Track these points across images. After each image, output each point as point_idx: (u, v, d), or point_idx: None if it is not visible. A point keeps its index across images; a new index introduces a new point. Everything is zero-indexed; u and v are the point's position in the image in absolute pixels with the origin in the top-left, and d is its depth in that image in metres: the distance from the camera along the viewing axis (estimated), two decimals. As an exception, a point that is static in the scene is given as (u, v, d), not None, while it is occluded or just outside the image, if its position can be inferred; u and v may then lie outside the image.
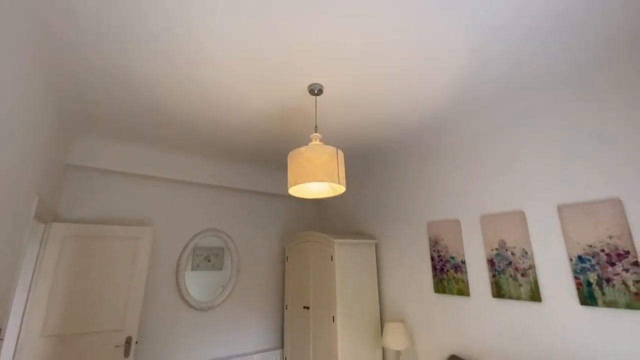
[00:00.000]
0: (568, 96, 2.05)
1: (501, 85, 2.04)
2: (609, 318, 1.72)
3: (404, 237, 3.00)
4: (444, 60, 1.78)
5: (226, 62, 1.75)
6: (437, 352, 2.54)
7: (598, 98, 1.92)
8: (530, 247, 2.08)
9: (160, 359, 2.84)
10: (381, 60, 1.75)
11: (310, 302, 3.09)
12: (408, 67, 1.82)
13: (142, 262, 2.73)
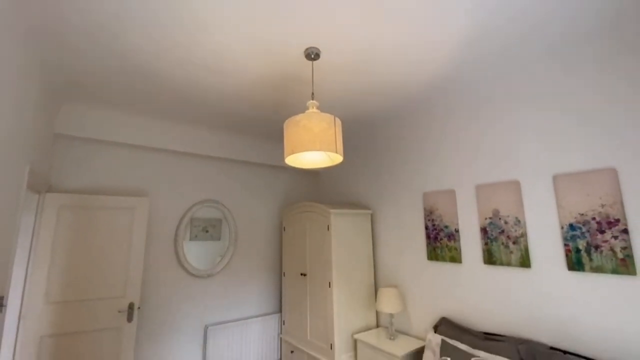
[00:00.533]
0: (567, 65, 1.99)
1: (500, 53, 1.97)
2: (595, 283, 1.80)
3: (399, 207, 3.04)
4: (444, 26, 1.70)
5: (219, 25, 1.65)
6: (428, 315, 2.67)
7: (597, 67, 1.88)
8: (524, 215, 2.12)
9: (162, 324, 2.95)
10: (380, 23, 1.66)
11: (307, 269, 3.18)
12: (407, 31, 1.73)
13: (139, 231, 2.75)
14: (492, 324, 2.23)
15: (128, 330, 2.59)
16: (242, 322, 3.33)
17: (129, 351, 2.57)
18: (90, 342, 2.47)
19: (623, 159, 1.75)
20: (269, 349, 3.46)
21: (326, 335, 2.84)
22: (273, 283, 3.73)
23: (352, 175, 3.69)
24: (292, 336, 3.31)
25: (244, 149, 3.59)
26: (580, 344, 1.82)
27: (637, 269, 1.66)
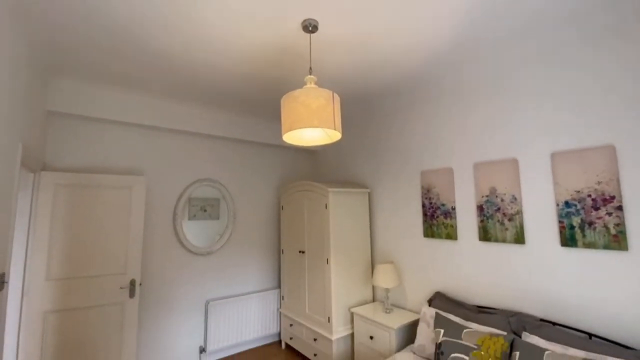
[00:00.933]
0: (566, 42, 1.96)
1: (500, 30, 1.90)
2: (586, 258, 1.84)
3: (396, 186, 3.05)
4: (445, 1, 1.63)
5: None
6: (423, 290, 2.74)
7: (596, 43, 1.84)
8: (520, 193, 2.14)
9: (164, 299, 3.02)
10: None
11: (305, 247, 3.23)
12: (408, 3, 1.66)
13: (137, 210, 2.75)
14: (485, 298, 2.31)
15: (130, 306, 2.66)
16: (242, 297, 3.41)
17: (133, 325, 2.64)
18: (94, 317, 2.53)
19: (622, 135, 1.74)
20: (269, 323, 3.57)
21: (324, 309, 2.93)
22: (272, 260, 3.80)
23: (350, 154, 3.67)
24: (291, 310, 3.41)
25: (241, 127, 3.53)
26: (569, 316, 1.89)
27: (629, 244, 1.70)
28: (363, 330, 2.73)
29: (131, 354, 2.62)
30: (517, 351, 1.67)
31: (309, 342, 3.07)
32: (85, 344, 2.48)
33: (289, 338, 3.42)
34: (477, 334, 1.86)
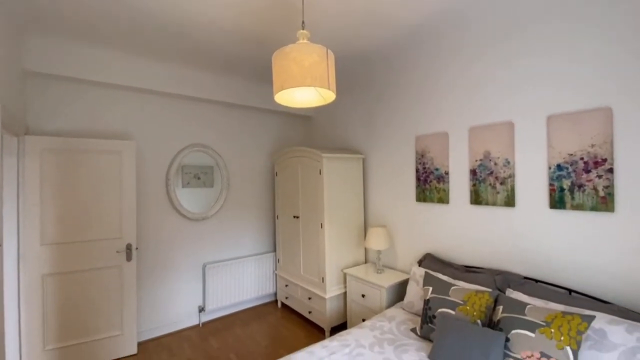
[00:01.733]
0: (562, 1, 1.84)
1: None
2: (574, 219, 1.89)
3: (391, 151, 3.03)
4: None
5: None
6: (414, 252, 2.83)
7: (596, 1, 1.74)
8: (513, 157, 2.14)
9: (162, 263, 3.08)
10: None
11: (300, 212, 3.26)
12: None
13: (129, 175, 2.71)
14: (474, 259, 2.39)
15: (128, 269, 2.71)
16: (238, 261, 3.50)
17: (132, 287, 2.72)
18: (93, 279, 2.58)
19: (620, 97, 1.71)
20: (265, 284, 3.71)
21: (318, 270, 3.03)
22: (267, 225, 3.85)
23: (344, 120, 3.60)
24: (286, 272, 3.53)
25: (232, 90, 3.40)
26: (552, 274, 1.98)
27: (616, 206, 1.74)
28: (355, 289, 2.85)
29: (132, 313, 2.71)
30: (500, 305, 1.76)
31: (304, 301, 3.22)
32: (86, 305, 2.56)
33: (284, 297, 3.57)
34: (463, 291, 1.95)
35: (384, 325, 2.13)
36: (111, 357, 2.64)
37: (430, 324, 1.92)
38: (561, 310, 1.60)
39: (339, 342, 1.92)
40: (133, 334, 2.72)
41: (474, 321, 1.77)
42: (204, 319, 3.33)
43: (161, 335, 3.07)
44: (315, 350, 1.83)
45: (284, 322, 3.31)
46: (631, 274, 1.70)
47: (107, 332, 2.63)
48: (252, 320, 3.35)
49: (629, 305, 1.70)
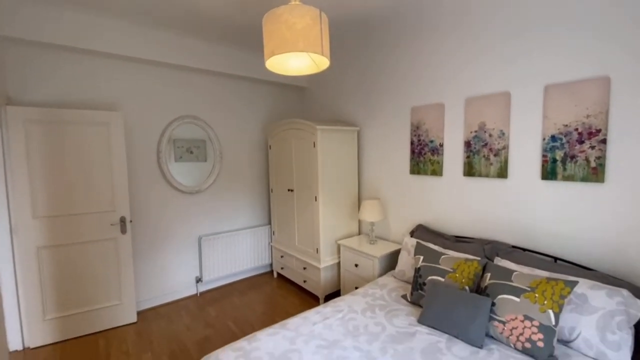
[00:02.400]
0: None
1: None
2: (564, 190, 1.92)
3: (386, 123, 2.99)
4: None
5: None
6: (406, 223, 2.88)
7: None
8: (508, 128, 2.12)
9: (157, 235, 3.10)
10: None
11: (294, 185, 3.26)
12: None
13: (118, 147, 2.65)
14: (465, 230, 2.45)
15: (124, 241, 2.72)
16: (234, 233, 3.54)
17: (128, 259, 2.74)
18: (89, 251, 2.60)
19: (619, 65, 1.68)
20: (261, 255, 3.78)
21: (313, 242, 3.08)
22: (262, 198, 3.86)
23: (339, 91, 3.51)
24: (281, 244, 3.59)
25: (223, 59, 3.26)
26: (540, 243, 2.04)
27: (606, 176, 1.76)
28: (349, 259, 2.92)
29: (130, 284, 2.76)
30: (488, 273, 1.82)
31: (299, 271, 3.30)
32: (84, 276, 2.59)
33: (280, 268, 3.65)
34: (453, 260, 2.00)
35: (376, 292, 2.21)
36: (111, 325, 2.71)
37: (421, 291, 1.99)
38: (546, 276, 1.66)
39: (332, 308, 1.99)
40: (132, 303, 2.79)
41: (462, 288, 1.84)
42: (201, 289, 3.41)
43: (160, 304, 3.15)
44: (309, 316, 1.90)
45: (279, 291, 3.41)
46: (615, 243, 1.75)
47: (106, 301, 2.68)
48: (249, 289, 3.45)
49: (612, 271, 1.77)
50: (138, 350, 2.41)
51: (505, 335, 1.58)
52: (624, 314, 1.49)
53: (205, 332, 2.65)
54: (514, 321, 1.56)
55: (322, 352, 1.55)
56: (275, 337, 1.68)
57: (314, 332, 1.72)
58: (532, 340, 1.50)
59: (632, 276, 1.71)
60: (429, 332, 1.70)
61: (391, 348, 1.58)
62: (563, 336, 1.58)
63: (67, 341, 2.54)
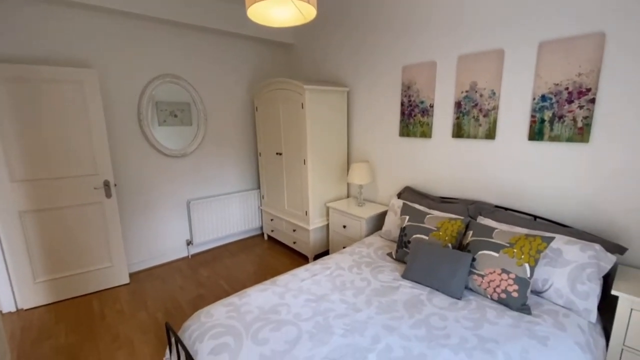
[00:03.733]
0: None
1: None
2: (549, 150, 1.94)
3: (376, 84, 2.89)
4: None
5: None
6: (394, 185, 2.91)
7: None
8: (500, 87, 2.08)
9: (144, 199, 3.06)
10: None
11: (282, 148, 3.21)
12: None
13: (95, 108, 2.51)
14: (451, 191, 2.49)
15: (110, 205, 2.68)
16: (223, 197, 3.53)
17: (115, 222, 2.72)
18: (74, 216, 2.56)
19: (614, 21, 1.63)
20: (251, 219, 3.81)
21: (302, 205, 3.11)
22: (250, 162, 3.81)
23: (327, 49, 3.34)
24: (271, 207, 3.62)
25: (201, 11, 3.01)
26: (522, 203, 2.10)
27: (591, 137, 1.77)
28: (337, 221, 2.98)
29: (119, 247, 2.77)
30: (470, 230, 1.89)
31: (289, 233, 3.36)
32: (72, 240, 2.58)
33: (270, 231, 3.71)
34: (437, 219, 2.05)
35: (363, 250, 2.28)
36: (104, 286, 2.76)
37: (405, 248, 2.06)
38: (525, 233, 1.73)
39: (320, 266, 2.05)
40: (123, 265, 2.82)
41: (445, 245, 1.90)
42: (192, 251, 3.46)
43: (152, 266, 3.20)
44: (299, 273, 1.96)
45: (270, 252, 3.49)
46: (593, 201, 1.82)
47: (97, 264, 2.70)
48: (240, 251, 3.52)
49: (588, 229, 1.85)
50: (133, 309, 2.48)
51: (483, 287, 1.68)
52: (594, 267, 1.58)
53: (198, 291, 2.73)
54: (492, 274, 1.65)
55: (310, 305, 1.62)
56: (265, 292, 1.74)
57: (302, 288, 1.79)
58: (507, 291, 1.59)
59: (608, 233, 1.79)
60: (412, 286, 1.78)
61: (376, 300, 1.66)
62: (536, 287, 1.68)
63: (61, 302, 2.58)
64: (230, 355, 1.28)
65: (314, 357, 1.27)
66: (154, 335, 2.17)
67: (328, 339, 1.37)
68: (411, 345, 1.32)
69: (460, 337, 1.37)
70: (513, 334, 1.39)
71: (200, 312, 1.60)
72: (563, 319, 1.50)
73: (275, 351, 1.30)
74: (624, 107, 1.66)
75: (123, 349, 2.05)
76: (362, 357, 1.26)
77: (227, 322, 1.48)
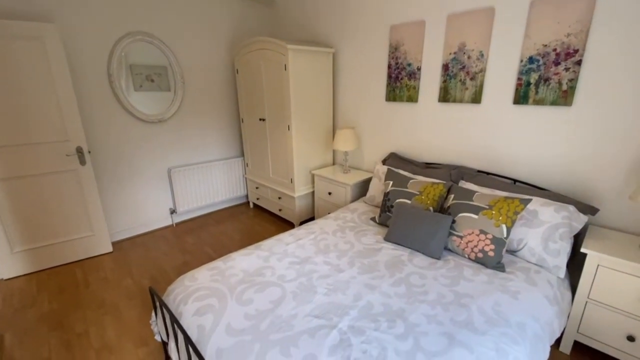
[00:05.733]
0: None
1: None
2: (532, 114, 1.94)
3: (363, 44, 2.77)
4: None
5: None
6: (380, 152, 2.90)
7: None
8: (488, 48, 2.03)
9: (122, 167, 2.95)
10: None
11: (266, 114, 3.10)
12: None
13: (60, 69, 2.31)
14: (435, 156, 2.50)
15: (85, 173, 2.57)
16: (205, 165, 3.44)
17: (93, 190, 2.63)
18: (48, 184, 2.45)
19: (611, -24, 1.56)
20: (236, 187, 3.76)
21: (287, 172, 3.07)
22: (232, 129, 3.68)
23: (313, 7, 3.13)
24: (256, 175, 3.57)
25: (172, -41, 2.73)
26: (503, 167, 2.14)
27: (575, 99, 1.77)
28: (322, 188, 2.98)
29: (99, 215, 2.70)
30: (452, 194, 1.92)
31: (274, 201, 3.36)
32: (48, 210, 2.49)
33: (255, 199, 3.70)
34: (420, 184, 2.07)
35: (347, 215, 2.30)
36: (87, 255, 2.73)
37: (388, 213, 2.09)
38: (504, 196, 1.77)
39: (305, 231, 2.07)
40: (105, 234, 2.77)
41: (427, 208, 1.94)
42: (176, 219, 3.43)
43: (136, 235, 3.16)
44: (283, 237, 1.97)
45: (256, 219, 3.50)
46: (571, 164, 1.86)
47: (77, 233, 2.64)
48: (225, 219, 3.51)
49: (565, 192, 1.91)
50: (118, 277, 2.47)
51: (461, 248, 1.73)
52: (567, 227, 1.65)
53: (184, 257, 2.74)
54: (470, 235, 1.70)
55: (295, 267, 1.65)
56: (250, 257, 1.75)
57: (287, 251, 1.81)
58: (484, 250, 1.65)
59: (583, 195, 1.85)
60: (394, 248, 1.83)
61: (358, 262, 1.70)
62: (511, 247, 1.75)
63: (43, 271, 2.54)
64: (214, 315, 1.30)
65: (297, 314, 1.30)
66: (140, 301, 2.19)
67: (311, 297, 1.41)
68: (391, 302, 1.38)
69: (438, 293, 1.43)
70: (487, 289, 1.46)
71: (184, 277, 1.60)
72: (534, 275, 1.59)
73: (260, 310, 1.33)
74: (608, 70, 1.65)
75: (110, 314, 2.06)
76: (344, 314, 1.30)
77: (212, 285, 1.50)
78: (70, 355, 1.75)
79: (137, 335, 1.88)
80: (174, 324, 1.27)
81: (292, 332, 1.20)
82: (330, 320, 1.26)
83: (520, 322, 1.28)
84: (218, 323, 1.26)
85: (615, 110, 1.66)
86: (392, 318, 1.28)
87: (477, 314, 1.30)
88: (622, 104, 1.64)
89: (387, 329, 1.22)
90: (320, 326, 1.23)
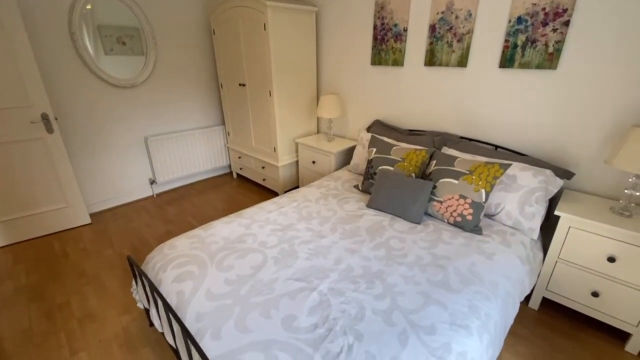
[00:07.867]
0: None
1: None
2: (517, 78, 1.90)
3: (349, 3, 2.60)
4: None
5: None
6: (364, 119, 2.84)
7: None
8: (477, 8, 1.94)
9: (93, 135, 2.80)
10: None
11: (246, 78, 2.95)
12: None
13: (12, 24, 2.08)
14: (420, 123, 2.47)
15: (54, 142, 2.42)
16: (184, 133, 3.31)
17: (63, 160, 2.49)
18: (13, 153, 2.30)
19: None
20: (218, 157, 3.67)
21: (270, 141, 3.00)
22: (211, 95, 3.51)
23: (294, -41, 2.89)
24: (238, 145, 3.47)
25: None
26: (486, 133, 2.13)
27: (560, 62, 1.74)
28: (306, 157, 2.93)
29: (73, 186, 2.59)
30: (434, 160, 1.91)
31: (258, 170, 3.30)
32: (16, 180, 2.36)
33: (239, 169, 3.63)
34: (404, 150, 2.06)
35: (330, 184, 2.29)
36: (63, 227, 2.65)
37: (371, 180, 2.09)
38: (485, 161, 1.78)
39: (288, 199, 2.05)
40: (81, 205, 2.68)
41: (409, 175, 1.94)
42: (157, 190, 3.35)
43: (115, 206, 3.08)
44: (265, 205, 1.95)
45: (239, 190, 3.46)
46: (551, 129, 1.87)
47: (50, 204, 2.54)
48: (208, 190, 3.45)
49: (545, 157, 1.93)
50: (97, 247, 2.43)
51: (441, 213, 1.76)
52: (543, 190, 1.69)
53: (166, 227, 2.70)
54: (450, 200, 1.72)
55: (277, 234, 1.64)
56: (231, 224, 1.73)
57: (269, 219, 1.79)
58: (463, 214, 1.68)
59: (560, 160, 1.88)
60: (375, 214, 1.84)
61: (340, 227, 1.70)
62: (489, 211, 1.79)
63: (18, 244, 2.47)
64: (194, 282, 1.29)
65: (278, 278, 1.31)
66: (122, 270, 2.16)
67: (292, 262, 1.41)
68: (370, 265, 1.40)
69: (416, 255, 1.47)
70: (464, 251, 1.50)
71: (163, 245, 1.57)
72: (509, 237, 1.64)
73: (241, 275, 1.33)
74: (595, 33, 1.61)
75: (91, 284, 2.04)
76: (324, 277, 1.32)
77: (192, 253, 1.48)
78: (51, 324, 1.74)
79: (120, 303, 1.88)
80: (153, 291, 1.26)
81: (272, 295, 1.21)
82: (311, 283, 1.28)
83: (493, 281, 1.33)
84: (198, 289, 1.26)
85: (599, 74, 1.65)
86: (371, 279, 1.30)
87: (453, 275, 1.34)
88: (605, 69, 1.62)
89: (366, 290, 1.24)
90: (300, 289, 1.25)
